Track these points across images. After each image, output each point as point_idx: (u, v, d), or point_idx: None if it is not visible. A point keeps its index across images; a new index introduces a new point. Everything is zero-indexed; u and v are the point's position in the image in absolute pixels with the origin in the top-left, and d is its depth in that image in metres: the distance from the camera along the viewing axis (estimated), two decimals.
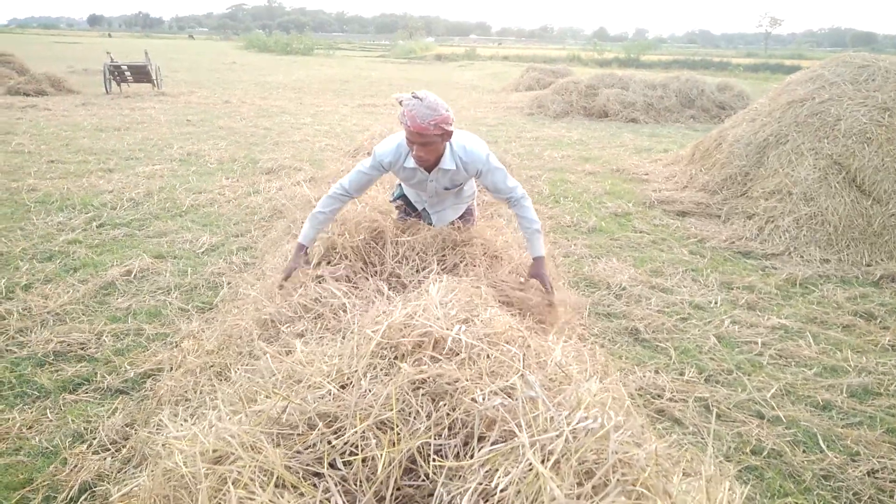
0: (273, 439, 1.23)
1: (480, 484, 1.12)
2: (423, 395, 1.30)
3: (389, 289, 2.19)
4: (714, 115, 12.56)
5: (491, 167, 2.83)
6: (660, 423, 2.82)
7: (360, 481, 1.18)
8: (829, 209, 5.22)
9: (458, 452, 1.22)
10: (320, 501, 1.11)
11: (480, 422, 1.24)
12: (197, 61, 30.08)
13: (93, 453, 2.43)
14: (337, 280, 2.42)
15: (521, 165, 8.16)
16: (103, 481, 2.25)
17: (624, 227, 5.77)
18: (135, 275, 4.23)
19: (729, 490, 1.49)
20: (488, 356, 1.39)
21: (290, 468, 1.17)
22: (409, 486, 1.20)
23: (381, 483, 1.17)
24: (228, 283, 4.07)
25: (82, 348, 3.29)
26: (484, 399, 1.27)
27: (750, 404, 3.01)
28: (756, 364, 3.41)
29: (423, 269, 2.61)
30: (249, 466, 1.13)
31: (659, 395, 3.05)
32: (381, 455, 1.20)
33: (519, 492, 1.07)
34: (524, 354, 1.43)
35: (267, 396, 1.38)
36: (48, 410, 2.75)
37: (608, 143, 10.22)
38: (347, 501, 1.14)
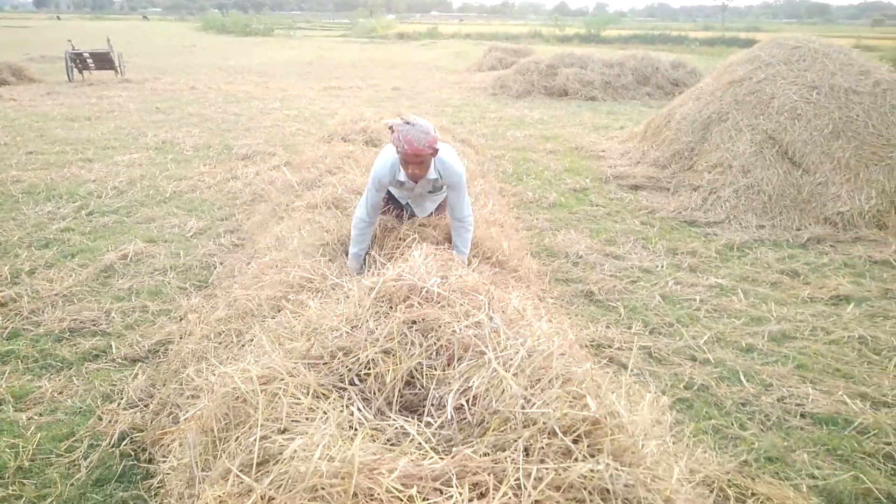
0: (305, 367, 1.65)
1: (461, 387, 1.56)
2: (415, 330, 1.74)
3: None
4: (668, 92, 13.11)
5: (461, 186, 3.18)
6: (607, 368, 3.30)
7: (374, 391, 1.61)
8: (764, 180, 5.78)
9: (443, 368, 1.66)
10: (346, 405, 1.54)
11: (458, 347, 1.68)
12: (155, 45, 29.58)
13: (123, 409, 2.81)
14: None
15: (486, 146, 8.58)
16: (138, 430, 2.65)
17: (581, 202, 6.26)
18: (131, 258, 4.55)
19: (651, 398, 1.96)
20: (461, 303, 1.82)
21: (322, 385, 1.60)
22: (410, 393, 1.64)
23: (389, 392, 1.61)
24: (221, 263, 4.43)
25: (94, 324, 3.64)
26: (460, 331, 1.71)
27: (686, 350, 3.53)
28: (693, 317, 3.93)
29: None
30: (292, 384, 1.55)
31: (609, 346, 3.54)
32: (388, 372, 1.63)
33: (487, 390, 1.51)
34: (489, 300, 1.87)
35: (292, 340, 1.80)
36: (74, 378, 3.12)
37: (568, 122, 10.70)
38: (365, 405, 1.57)
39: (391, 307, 1.83)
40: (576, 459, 1.39)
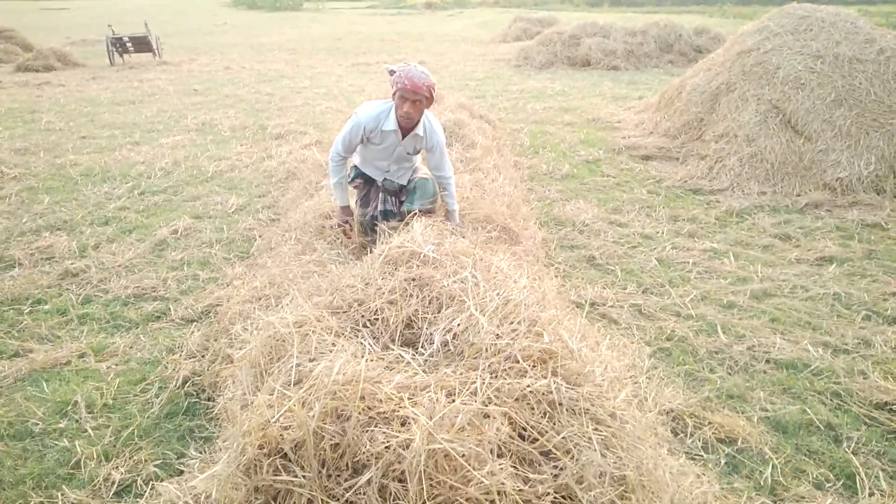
0: (329, 315, 2.14)
1: (446, 327, 2.04)
2: (413, 285, 2.22)
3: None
4: (691, 59, 13.12)
5: (442, 147, 3.62)
6: (598, 322, 3.74)
7: (381, 332, 2.10)
8: (767, 148, 6.06)
9: (434, 314, 2.14)
10: (359, 342, 2.03)
11: (446, 297, 2.16)
12: (188, 24, 30.24)
13: (184, 359, 3.36)
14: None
15: (506, 119, 8.94)
16: (198, 375, 3.20)
17: (593, 173, 6.62)
18: (181, 233, 5.11)
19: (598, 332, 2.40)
20: (450, 264, 2.29)
21: (342, 328, 2.09)
22: (409, 333, 2.13)
23: (393, 332, 2.10)
24: (260, 236, 4.96)
25: (154, 291, 4.21)
26: (448, 285, 2.18)
27: (672, 307, 3.93)
28: (684, 278, 4.32)
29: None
30: (319, 327, 2.04)
31: (603, 304, 3.97)
32: (392, 317, 2.11)
33: (466, 329, 1.99)
34: (474, 262, 2.33)
35: (319, 295, 2.30)
36: (141, 335, 3.68)
37: (588, 93, 10.95)
38: (374, 342, 2.06)
39: (396, 268, 2.31)
40: (529, 378, 1.86)
